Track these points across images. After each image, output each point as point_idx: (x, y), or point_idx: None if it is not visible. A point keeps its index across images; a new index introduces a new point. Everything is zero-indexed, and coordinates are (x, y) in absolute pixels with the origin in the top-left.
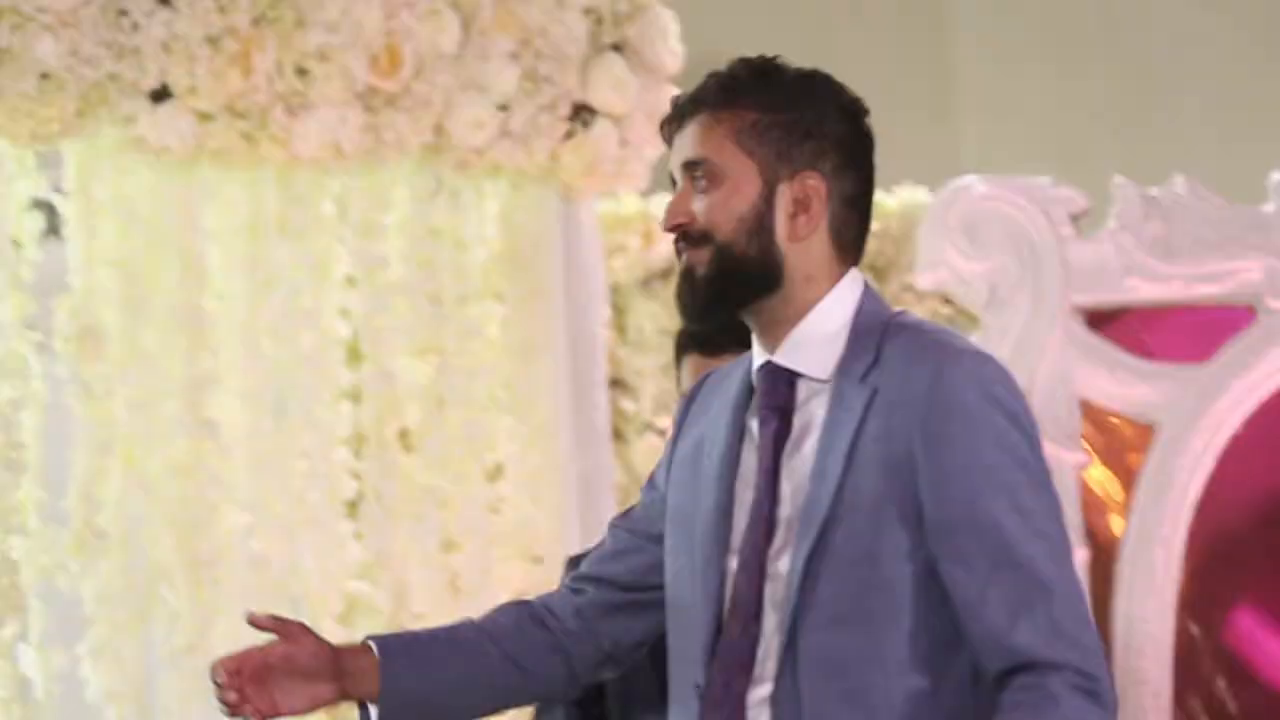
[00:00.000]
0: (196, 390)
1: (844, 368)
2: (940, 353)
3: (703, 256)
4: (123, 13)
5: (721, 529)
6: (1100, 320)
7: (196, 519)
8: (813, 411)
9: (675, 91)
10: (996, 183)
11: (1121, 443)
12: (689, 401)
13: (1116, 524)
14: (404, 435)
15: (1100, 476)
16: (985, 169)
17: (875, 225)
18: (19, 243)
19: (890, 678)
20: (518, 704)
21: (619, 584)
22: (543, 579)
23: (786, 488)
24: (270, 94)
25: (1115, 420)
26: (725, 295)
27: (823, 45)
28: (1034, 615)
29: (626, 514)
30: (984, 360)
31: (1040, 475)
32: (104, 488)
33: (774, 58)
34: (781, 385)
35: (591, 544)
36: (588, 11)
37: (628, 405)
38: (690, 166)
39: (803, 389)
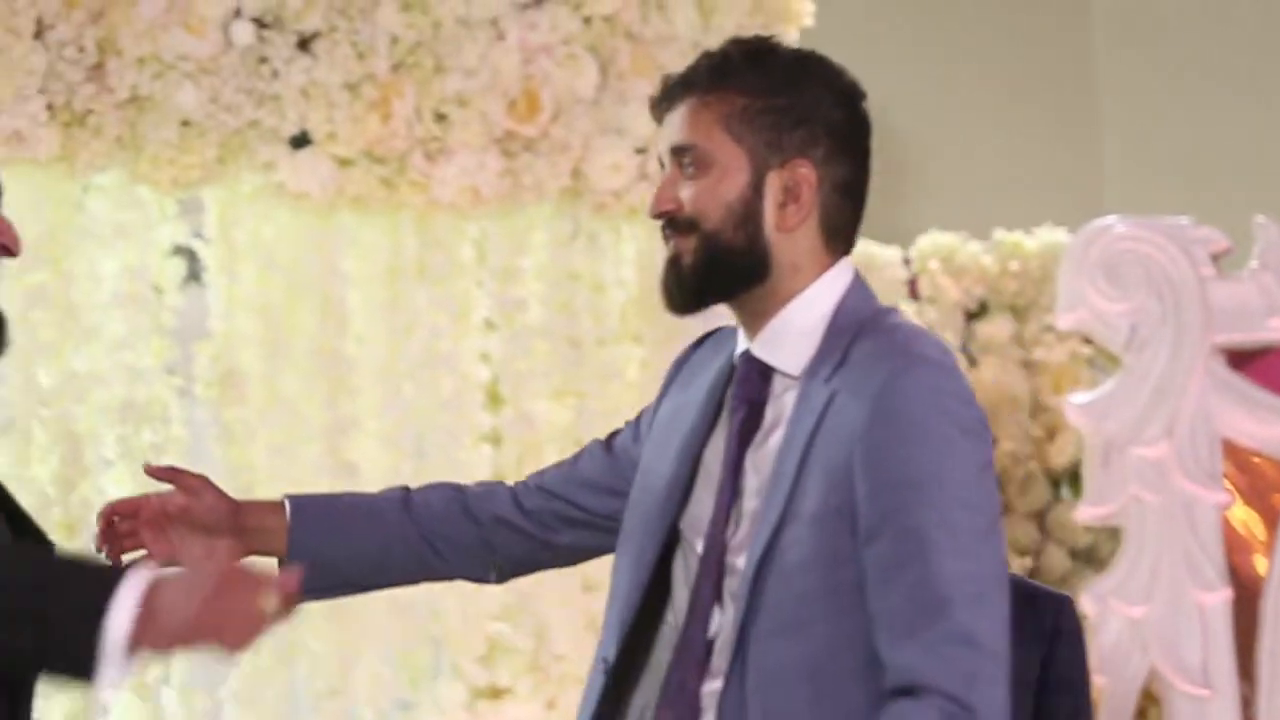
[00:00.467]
0: (336, 434)
1: (814, 366)
2: (899, 358)
3: (689, 245)
4: (262, 60)
5: (672, 503)
6: (1242, 360)
7: None
8: (785, 406)
9: None
10: (1136, 223)
11: (1264, 483)
12: (681, 363)
13: (1260, 564)
14: None
15: (1243, 516)
16: (1126, 209)
17: (1015, 265)
18: (160, 288)
19: (831, 688)
20: (430, 580)
21: (590, 511)
22: None
23: (752, 481)
24: (409, 139)
25: (1257, 460)
26: (711, 285)
27: (970, 89)
28: (924, 635)
29: (610, 441)
30: (944, 370)
31: (980, 496)
32: None
33: (768, 38)
34: (755, 376)
35: None
36: None
37: None
38: (678, 152)
39: (779, 383)
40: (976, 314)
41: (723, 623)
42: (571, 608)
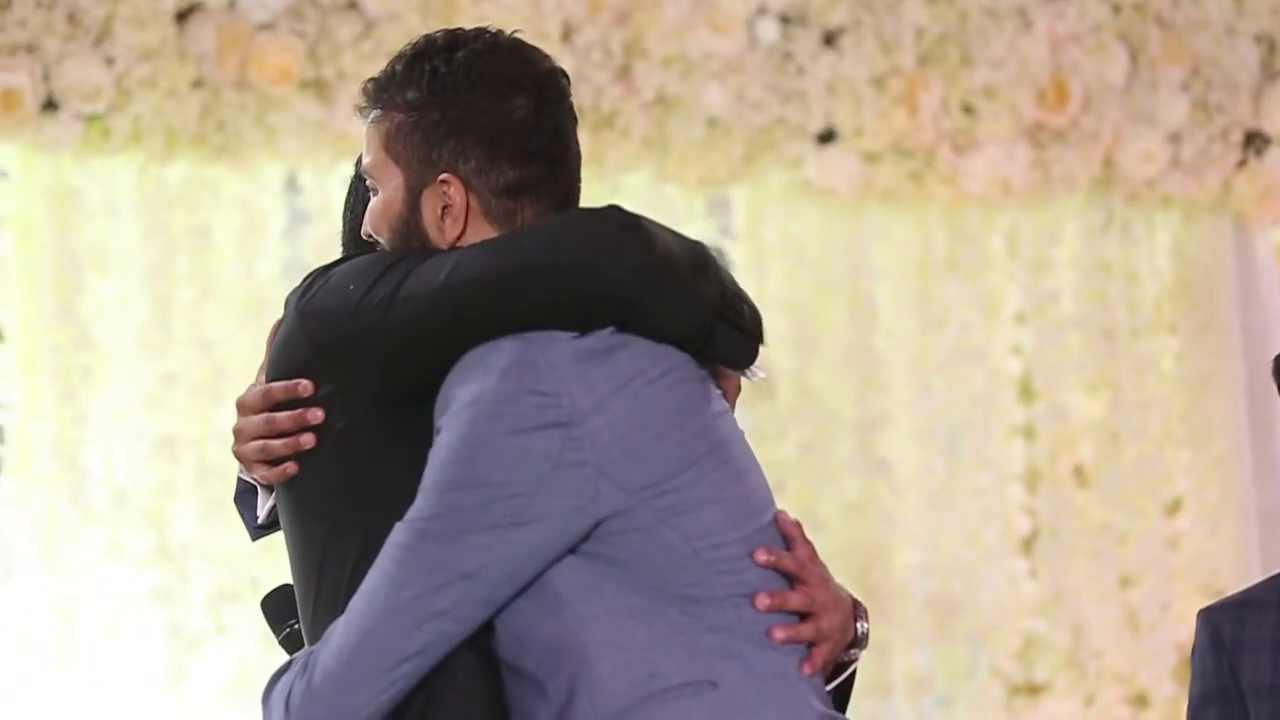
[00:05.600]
0: (868, 430)
1: None
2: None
3: None
4: (788, 56)
5: None
6: None
7: (870, 557)
8: None
9: None
10: None
11: None
12: None
13: None
14: (1078, 471)
15: None
16: None
17: None
18: None
19: None
20: None
21: None
22: None
23: None
24: (937, 132)
25: None
26: None
27: None
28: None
29: None
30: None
31: (465, 475)
32: None
33: (436, 38)
34: None
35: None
36: (1259, 38)
37: None
38: (363, 174)
39: None
40: None
41: None
42: (1108, 604)
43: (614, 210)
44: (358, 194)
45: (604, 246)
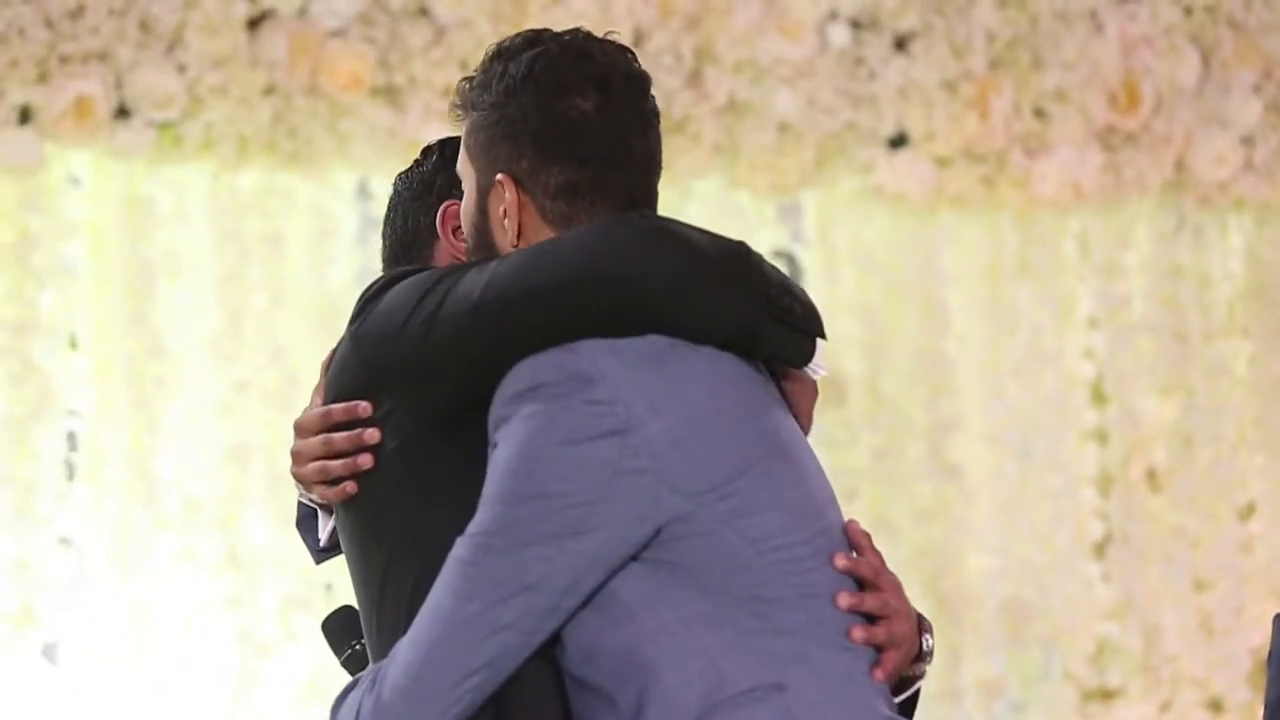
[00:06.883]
0: (939, 434)
1: None
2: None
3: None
4: (859, 61)
5: None
6: None
7: (942, 563)
8: None
9: None
10: None
11: None
12: None
13: None
14: (1151, 475)
15: None
16: None
17: None
18: None
19: None
20: None
21: None
22: None
23: None
24: (1008, 136)
25: None
26: None
27: None
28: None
29: None
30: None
31: (528, 489)
32: None
33: (517, 39)
34: None
35: None
36: None
37: None
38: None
39: None
40: None
41: None
42: (1182, 608)
43: (641, 216)
44: (397, 209)
45: (632, 254)
